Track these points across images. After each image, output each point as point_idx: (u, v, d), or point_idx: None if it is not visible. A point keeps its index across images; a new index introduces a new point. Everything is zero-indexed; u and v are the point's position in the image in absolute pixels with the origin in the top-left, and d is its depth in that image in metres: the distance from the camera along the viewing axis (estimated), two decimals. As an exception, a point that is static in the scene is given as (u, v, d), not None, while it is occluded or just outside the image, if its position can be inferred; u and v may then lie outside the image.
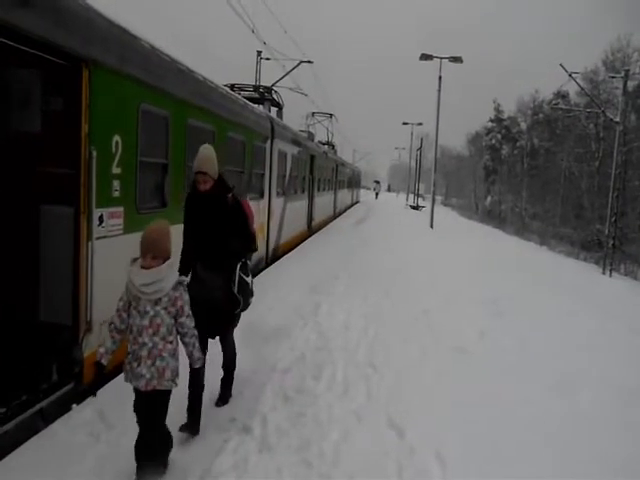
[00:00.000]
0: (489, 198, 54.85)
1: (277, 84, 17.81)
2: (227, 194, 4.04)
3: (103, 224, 4.38)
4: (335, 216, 25.71)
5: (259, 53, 22.42)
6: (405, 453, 3.78)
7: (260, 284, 8.89)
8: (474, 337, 6.60)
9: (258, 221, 9.98)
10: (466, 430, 4.08)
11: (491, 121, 54.75)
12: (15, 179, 4.39)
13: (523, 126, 51.41)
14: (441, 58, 23.39)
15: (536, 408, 4.62)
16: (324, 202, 21.07)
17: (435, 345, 6.22)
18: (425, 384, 5.00)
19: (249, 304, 4.28)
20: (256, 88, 14.05)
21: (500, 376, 5.30)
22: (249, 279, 4.19)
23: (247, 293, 4.17)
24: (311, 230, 17.21)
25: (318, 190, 18.69)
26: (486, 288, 9.85)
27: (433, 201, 25.52)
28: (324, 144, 25.73)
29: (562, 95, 43.50)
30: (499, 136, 53.30)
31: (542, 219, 40.09)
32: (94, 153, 4.11)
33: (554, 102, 43.40)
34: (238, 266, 4.07)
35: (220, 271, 4.03)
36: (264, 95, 13.63)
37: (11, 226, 4.36)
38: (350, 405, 4.51)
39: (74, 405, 4.08)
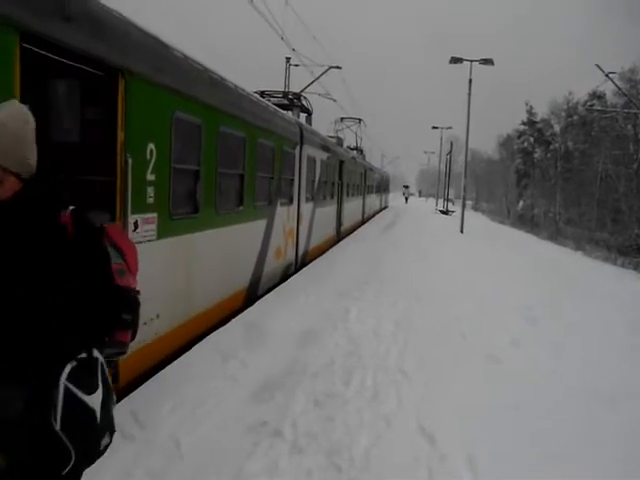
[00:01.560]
0: (521, 202, 53.73)
1: (306, 90, 17.97)
2: (57, 209, 1.88)
3: (138, 230, 4.48)
4: (364, 221, 25.64)
5: (288, 59, 22.65)
6: (436, 459, 3.74)
7: (290, 289, 8.98)
8: (507, 345, 6.48)
9: (287, 226, 10.03)
10: (498, 438, 4.01)
11: (523, 124, 53.64)
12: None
13: (556, 128, 50.23)
14: (471, 61, 23.19)
15: (571, 417, 4.51)
16: (353, 207, 21.05)
17: (467, 352, 6.12)
18: (456, 391, 4.93)
19: (100, 452, 1.83)
20: (285, 94, 14.20)
21: (534, 385, 5.18)
22: (95, 398, 1.76)
23: (89, 431, 1.75)
24: (340, 235, 17.21)
25: (347, 195, 18.69)
26: (519, 294, 9.66)
27: (463, 206, 25.19)
28: (353, 149, 25.76)
29: (598, 96, 42.33)
30: (531, 139, 52.18)
31: (577, 223, 39.05)
32: (130, 160, 4.21)
33: (589, 103, 42.29)
34: (66, 371, 1.69)
35: (20, 382, 1.67)
36: (293, 101, 13.76)
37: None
38: (380, 410, 4.48)
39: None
